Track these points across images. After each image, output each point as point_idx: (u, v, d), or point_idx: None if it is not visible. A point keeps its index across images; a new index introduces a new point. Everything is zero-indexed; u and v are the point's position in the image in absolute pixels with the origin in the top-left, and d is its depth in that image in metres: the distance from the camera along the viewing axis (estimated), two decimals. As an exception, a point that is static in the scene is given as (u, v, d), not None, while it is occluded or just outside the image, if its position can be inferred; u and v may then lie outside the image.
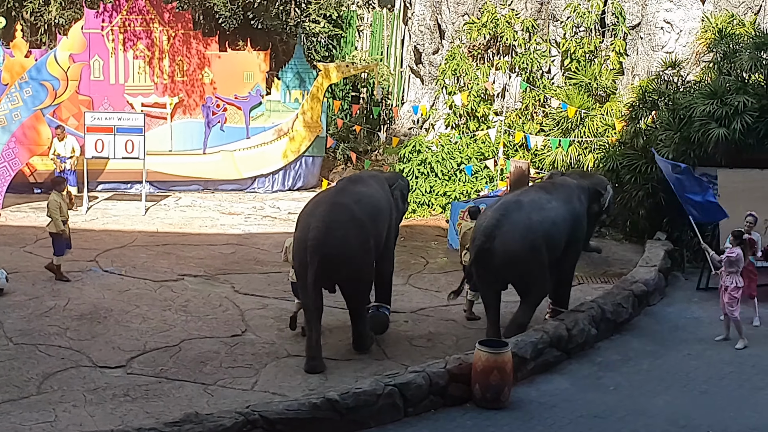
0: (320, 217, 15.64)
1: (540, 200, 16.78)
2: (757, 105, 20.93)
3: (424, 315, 18.15)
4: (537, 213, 16.47)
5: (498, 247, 16.04)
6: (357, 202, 16.01)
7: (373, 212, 16.16)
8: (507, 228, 16.13)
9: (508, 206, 16.57)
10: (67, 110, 27.37)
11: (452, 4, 29.93)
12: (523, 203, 16.63)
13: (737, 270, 16.89)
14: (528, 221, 16.29)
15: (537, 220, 16.37)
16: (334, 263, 15.43)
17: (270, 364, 15.19)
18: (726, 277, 16.95)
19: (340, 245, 15.45)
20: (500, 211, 16.45)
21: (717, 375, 15.60)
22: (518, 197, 16.96)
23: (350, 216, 15.70)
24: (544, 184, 17.97)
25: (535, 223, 16.33)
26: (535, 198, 16.85)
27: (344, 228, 15.61)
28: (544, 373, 15.45)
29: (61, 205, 19.32)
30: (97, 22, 28.01)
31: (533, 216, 16.38)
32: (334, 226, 15.52)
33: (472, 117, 28.67)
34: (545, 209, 16.63)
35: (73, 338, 15.89)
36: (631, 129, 24.14)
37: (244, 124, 29.47)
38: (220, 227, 24.73)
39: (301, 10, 33.94)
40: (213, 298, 18.54)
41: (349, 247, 15.55)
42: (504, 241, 16.06)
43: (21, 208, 25.31)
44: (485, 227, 16.22)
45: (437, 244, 23.84)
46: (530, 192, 17.35)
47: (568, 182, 17.74)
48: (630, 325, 17.93)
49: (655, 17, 26.80)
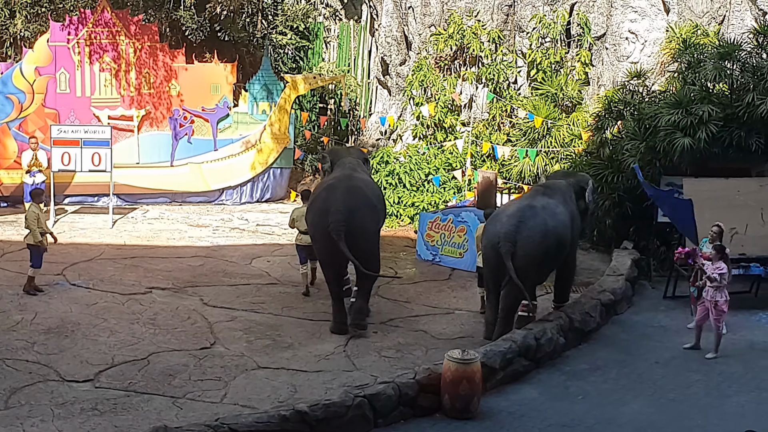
0: None
1: (550, 205, 17.65)
2: (721, 114, 21.07)
3: (393, 326, 18.16)
4: (551, 218, 17.39)
5: (519, 252, 16.82)
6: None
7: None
8: (526, 234, 16.96)
9: (524, 212, 17.31)
10: (33, 123, 27.25)
11: (419, 16, 30.04)
12: (537, 209, 17.44)
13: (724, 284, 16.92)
14: (545, 227, 17.18)
15: (552, 226, 17.28)
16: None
17: (239, 377, 15.15)
18: (714, 292, 16.83)
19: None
20: (518, 217, 17.18)
21: (685, 383, 15.68)
22: (531, 203, 17.66)
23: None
24: (544, 188, 18.48)
25: (551, 228, 17.25)
26: (545, 203, 17.61)
27: None
28: (513, 382, 15.48)
29: (39, 217, 19.24)
30: (63, 35, 27.90)
31: (548, 222, 17.30)
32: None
33: (439, 128, 28.77)
34: (556, 214, 17.56)
35: (40, 352, 15.78)
36: (597, 139, 24.26)
37: (211, 136, 29.41)
38: (188, 239, 24.67)
39: (268, 22, 33.98)
40: (181, 310, 18.48)
41: None
42: (524, 245, 16.87)
43: (-13, 222, 25.21)
44: (506, 233, 16.93)
45: (406, 254, 23.89)
46: (538, 197, 17.92)
47: (559, 184, 18.45)
48: (598, 334, 18.01)
49: (620, 28, 27.01)
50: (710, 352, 16.86)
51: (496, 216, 17.90)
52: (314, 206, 18.20)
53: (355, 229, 17.46)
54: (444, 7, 29.63)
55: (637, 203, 22.32)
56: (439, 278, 21.92)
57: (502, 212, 17.96)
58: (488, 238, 17.40)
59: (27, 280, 19.16)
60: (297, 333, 17.35)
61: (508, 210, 17.75)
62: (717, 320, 16.85)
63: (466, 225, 22.36)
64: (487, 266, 17.56)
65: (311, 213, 18.31)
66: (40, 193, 20.14)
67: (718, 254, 17.10)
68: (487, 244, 17.45)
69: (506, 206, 18.36)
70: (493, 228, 17.42)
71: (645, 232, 22.40)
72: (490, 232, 17.45)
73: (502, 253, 16.86)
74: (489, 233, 17.48)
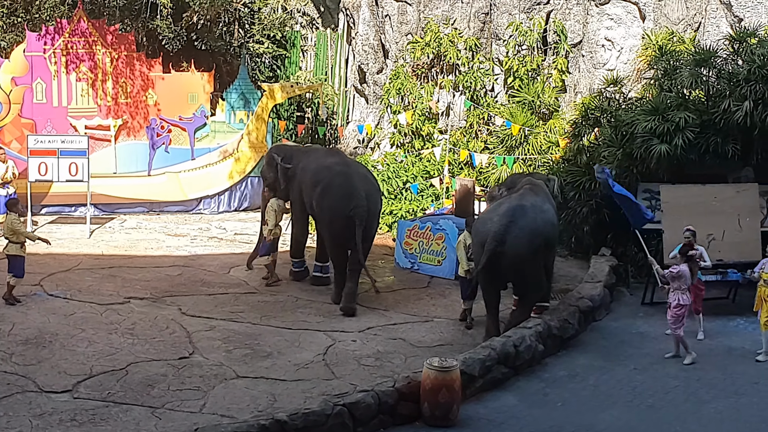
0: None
1: (537, 204, 18.07)
2: (698, 121, 21.17)
3: (372, 334, 18.15)
4: (540, 217, 17.84)
5: (509, 250, 17.16)
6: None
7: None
8: (516, 233, 17.28)
9: (515, 212, 17.62)
10: (9, 134, 27.15)
11: (395, 24, 30.08)
12: (527, 208, 17.80)
13: (681, 287, 17.02)
14: (534, 225, 17.59)
15: (541, 224, 17.73)
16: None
17: (218, 386, 15.11)
18: (670, 294, 17.09)
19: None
20: (508, 216, 17.48)
21: (663, 389, 15.75)
22: (520, 202, 17.91)
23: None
24: (530, 186, 18.72)
25: (540, 226, 17.70)
26: (533, 202, 18.02)
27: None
28: (492, 390, 15.53)
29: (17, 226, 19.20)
30: (39, 44, 27.81)
31: (537, 220, 17.72)
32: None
33: (417, 136, 28.80)
34: (544, 212, 18.06)
35: (18, 363, 15.70)
36: (574, 146, 24.33)
37: (188, 145, 29.37)
38: (166, 249, 24.61)
39: (244, 30, 33.97)
40: (160, 320, 18.42)
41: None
42: (514, 244, 17.21)
43: (-38, 233, 25.07)
44: (496, 232, 17.22)
45: (384, 263, 23.89)
46: (527, 196, 18.20)
47: (539, 183, 18.97)
48: (576, 340, 18.08)
49: (596, 35, 27.13)
50: (686, 357, 16.93)
51: (487, 216, 18.13)
52: (333, 191, 20.12)
53: (372, 216, 20.16)
54: (420, 15, 29.69)
55: (615, 210, 22.37)
56: (418, 286, 21.94)
57: (492, 211, 18.13)
58: (479, 238, 17.64)
59: (7, 289, 19.08)
60: (276, 342, 17.33)
61: (500, 209, 17.90)
62: (672, 323, 17.07)
63: (444, 233, 22.39)
64: (483, 269, 17.54)
65: (329, 198, 20.10)
66: (15, 203, 20.03)
67: (683, 257, 17.23)
68: (477, 243, 17.70)
69: (497, 206, 18.39)
70: (483, 228, 17.69)
71: (623, 239, 22.45)
72: (480, 233, 17.68)
73: (487, 250, 17.13)
74: (479, 233, 17.71)
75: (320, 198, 20.35)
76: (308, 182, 20.95)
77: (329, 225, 20.31)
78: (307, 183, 21.03)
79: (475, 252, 17.97)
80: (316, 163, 21.21)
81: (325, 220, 20.52)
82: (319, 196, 20.40)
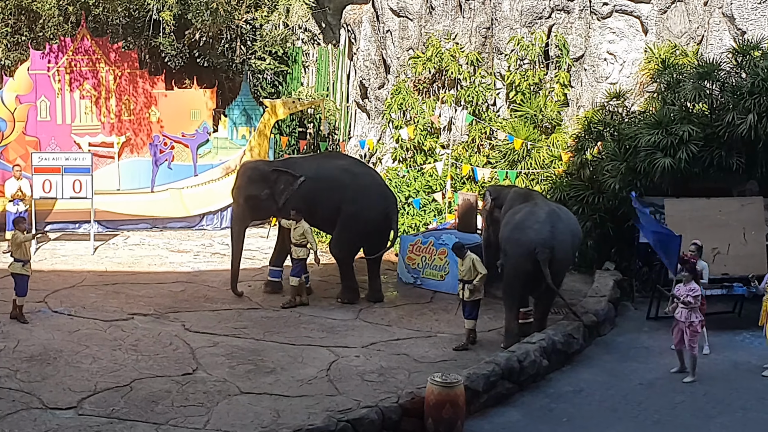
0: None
1: (564, 210, 19.25)
2: (701, 134, 21.16)
3: (376, 349, 18.12)
4: (573, 222, 18.99)
5: (556, 256, 17.87)
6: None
7: None
8: (560, 239, 18.06)
9: (553, 218, 18.31)
10: (14, 151, 27.16)
11: (397, 39, 30.12)
12: (560, 214, 18.69)
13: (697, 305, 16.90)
14: (571, 230, 18.63)
15: (575, 229, 18.93)
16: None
17: (222, 402, 15.08)
18: (689, 313, 16.80)
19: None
20: (550, 223, 18.14)
21: (669, 404, 15.70)
22: (551, 208, 18.79)
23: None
24: (537, 194, 20.00)
25: (575, 231, 18.91)
26: (561, 208, 19.22)
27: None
28: (496, 405, 15.49)
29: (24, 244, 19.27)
30: (43, 63, 27.85)
31: (572, 225, 18.78)
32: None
33: (419, 150, 28.80)
34: (572, 218, 19.21)
35: (23, 380, 15.68)
36: (577, 160, 24.30)
37: (191, 161, 29.40)
38: (170, 265, 24.61)
39: (246, 47, 33.99)
40: (163, 336, 18.41)
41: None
42: (560, 250, 18.01)
43: (-32, 250, 25.12)
44: (545, 240, 17.83)
45: (387, 277, 23.84)
46: (550, 203, 19.48)
47: (536, 192, 20.50)
48: (581, 355, 18.04)
49: (598, 49, 27.12)
50: (687, 376, 16.82)
51: (524, 224, 18.37)
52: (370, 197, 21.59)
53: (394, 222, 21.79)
54: (422, 31, 29.72)
55: (619, 224, 22.38)
56: (421, 301, 21.92)
57: (528, 219, 18.44)
58: (522, 247, 17.98)
59: (15, 308, 19.10)
60: (279, 358, 17.30)
61: (537, 217, 18.30)
62: (692, 341, 16.81)
63: (446, 248, 22.34)
64: (521, 275, 18.12)
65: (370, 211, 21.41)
66: (22, 221, 20.10)
67: (690, 275, 17.11)
68: (521, 252, 18.00)
69: (528, 213, 18.71)
70: (525, 236, 17.98)
71: (627, 253, 22.45)
72: (522, 241, 18.01)
73: (540, 260, 17.55)
74: (521, 242, 18.04)
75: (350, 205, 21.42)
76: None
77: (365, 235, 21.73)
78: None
79: (518, 260, 18.16)
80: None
81: (356, 227, 21.58)
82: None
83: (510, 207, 19.42)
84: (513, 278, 18.52)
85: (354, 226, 21.45)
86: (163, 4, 29.41)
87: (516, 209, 18.99)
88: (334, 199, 21.34)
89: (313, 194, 21.46)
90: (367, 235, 21.60)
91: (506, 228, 18.92)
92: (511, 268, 18.54)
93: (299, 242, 21.21)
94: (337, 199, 21.35)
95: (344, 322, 19.96)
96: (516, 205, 19.28)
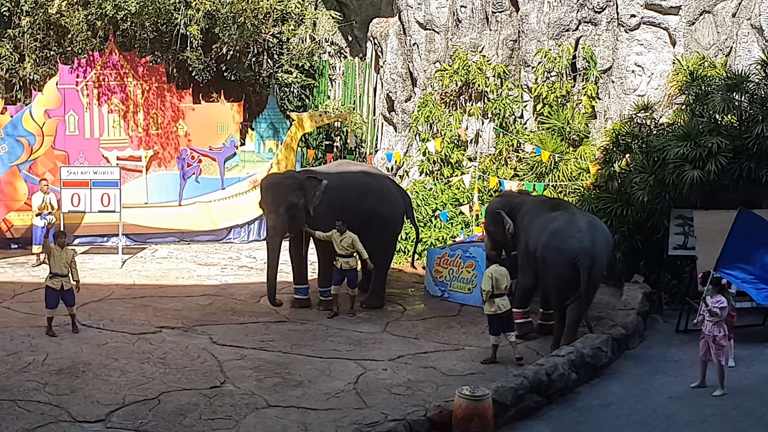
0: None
1: (599, 221, 19.74)
2: (730, 146, 21.03)
3: (403, 363, 18.09)
4: (608, 234, 19.45)
5: (596, 264, 18.40)
6: None
7: None
8: (600, 247, 18.54)
9: (591, 227, 18.85)
10: (43, 165, 27.33)
11: (423, 52, 30.13)
12: (596, 223, 19.28)
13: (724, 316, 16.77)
14: (607, 239, 19.17)
15: (610, 238, 19.52)
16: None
17: (249, 415, 15.08)
18: (713, 326, 16.69)
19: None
20: (591, 232, 18.64)
21: (699, 418, 15.56)
22: (587, 218, 19.39)
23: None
24: (563, 202, 20.80)
25: (610, 240, 19.51)
26: (597, 219, 19.83)
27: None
28: (524, 419, 15.39)
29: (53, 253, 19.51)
30: (71, 77, 28.02)
31: (607, 234, 19.33)
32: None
33: (446, 163, 28.79)
34: (607, 230, 19.60)
35: (52, 393, 15.74)
36: (605, 172, 24.19)
37: (219, 175, 29.49)
38: (197, 278, 24.68)
39: (273, 61, 34.11)
40: (191, 349, 18.44)
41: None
42: (600, 258, 18.52)
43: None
44: (588, 249, 18.31)
45: (414, 290, 23.87)
46: (585, 213, 20.29)
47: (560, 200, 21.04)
48: (610, 369, 17.93)
49: (626, 61, 27.03)
50: (717, 389, 16.67)
51: (564, 232, 18.68)
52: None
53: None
54: (448, 43, 29.73)
55: (647, 236, 22.27)
56: (448, 314, 21.88)
57: (568, 228, 18.78)
58: (564, 255, 18.31)
59: (71, 319, 19.56)
60: (307, 371, 17.29)
61: (578, 226, 18.69)
62: (718, 355, 16.66)
63: (474, 260, 22.33)
64: (562, 283, 18.46)
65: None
66: (61, 235, 20.30)
67: (716, 288, 16.98)
68: (562, 260, 18.32)
69: (567, 222, 19.09)
70: (567, 245, 18.31)
71: (656, 266, 22.33)
72: (563, 249, 18.33)
73: (581, 269, 17.93)
74: (562, 250, 18.36)
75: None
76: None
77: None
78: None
79: (559, 268, 18.44)
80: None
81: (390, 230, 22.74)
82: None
83: (537, 216, 19.54)
84: (551, 286, 18.91)
85: (389, 229, 22.21)
86: (190, 18, 29.58)
87: (549, 217, 19.16)
88: (366, 204, 21.59)
89: (343, 201, 21.53)
90: (396, 236, 23.02)
91: (542, 235, 19.01)
92: (550, 275, 18.77)
93: (347, 252, 21.44)
94: (370, 203, 21.71)
95: (371, 335, 19.94)
96: (543, 213, 19.48)
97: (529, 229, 19.68)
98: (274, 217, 21.80)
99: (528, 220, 19.81)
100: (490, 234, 21.19)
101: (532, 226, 19.57)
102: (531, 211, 19.90)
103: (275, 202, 21.79)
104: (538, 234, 19.14)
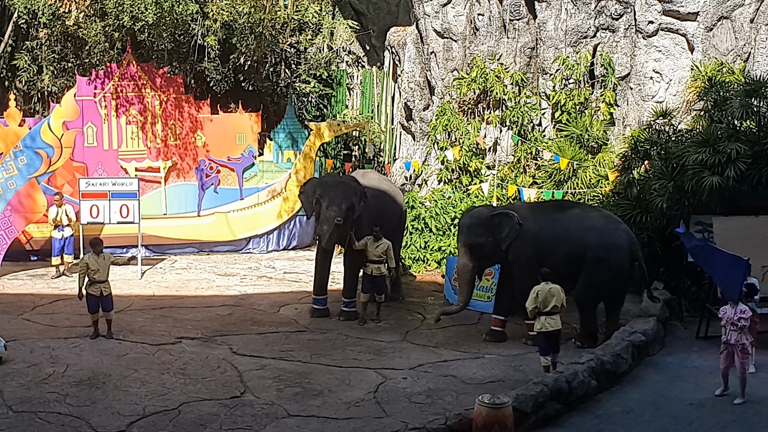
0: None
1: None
2: (749, 152, 20.97)
3: (423, 371, 18.07)
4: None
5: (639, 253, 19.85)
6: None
7: None
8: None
9: (617, 218, 20.43)
10: (61, 177, 27.44)
11: (441, 61, 30.13)
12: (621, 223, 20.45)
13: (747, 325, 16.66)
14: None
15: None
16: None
17: (270, 425, 15.08)
18: (739, 335, 16.45)
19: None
20: (628, 231, 20.03)
21: (719, 425, 15.48)
22: (604, 211, 20.59)
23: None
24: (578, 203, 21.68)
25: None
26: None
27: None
28: (545, 426, 15.34)
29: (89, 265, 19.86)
30: (89, 89, 28.16)
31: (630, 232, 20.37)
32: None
33: (464, 171, 28.77)
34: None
35: (72, 404, 15.77)
36: (624, 179, 24.15)
37: (237, 185, 29.57)
38: (216, 289, 24.71)
39: (291, 71, 34.17)
40: (211, 360, 18.46)
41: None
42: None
43: (18, 276, 25.38)
44: (635, 240, 19.89)
45: (434, 299, 23.85)
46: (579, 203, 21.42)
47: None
48: (630, 376, 17.86)
49: (644, 67, 26.96)
50: (737, 398, 16.56)
51: (607, 228, 19.74)
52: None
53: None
54: (466, 52, 29.72)
55: (667, 243, 22.19)
56: (468, 322, 21.85)
57: (609, 224, 19.92)
58: (621, 249, 19.42)
59: (107, 325, 19.92)
60: (326, 380, 17.29)
61: (614, 220, 20.25)
62: (744, 363, 16.58)
63: (494, 269, 22.26)
64: (615, 278, 19.55)
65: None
66: (97, 243, 20.40)
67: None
68: (621, 255, 19.44)
69: (605, 218, 20.19)
70: (620, 239, 19.51)
71: (675, 272, 22.26)
72: (618, 244, 19.43)
73: (638, 257, 19.67)
74: (617, 245, 19.42)
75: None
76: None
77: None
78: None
79: (620, 263, 19.50)
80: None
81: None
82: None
83: (544, 219, 20.13)
84: (600, 284, 19.58)
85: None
86: (207, 29, 29.68)
87: (570, 217, 19.91)
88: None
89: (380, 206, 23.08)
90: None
91: (587, 236, 19.60)
92: (608, 272, 19.44)
93: (379, 259, 21.69)
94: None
95: (391, 343, 19.93)
96: (551, 214, 20.14)
97: (538, 233, 19.60)
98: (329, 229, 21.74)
99: (533, 224, 19.73)
100: (478, 247, 20.25)
101: (542, 230, 19.55)
102: (532, 216, 19.88)
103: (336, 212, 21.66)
104: (567, 236, 19.57)
